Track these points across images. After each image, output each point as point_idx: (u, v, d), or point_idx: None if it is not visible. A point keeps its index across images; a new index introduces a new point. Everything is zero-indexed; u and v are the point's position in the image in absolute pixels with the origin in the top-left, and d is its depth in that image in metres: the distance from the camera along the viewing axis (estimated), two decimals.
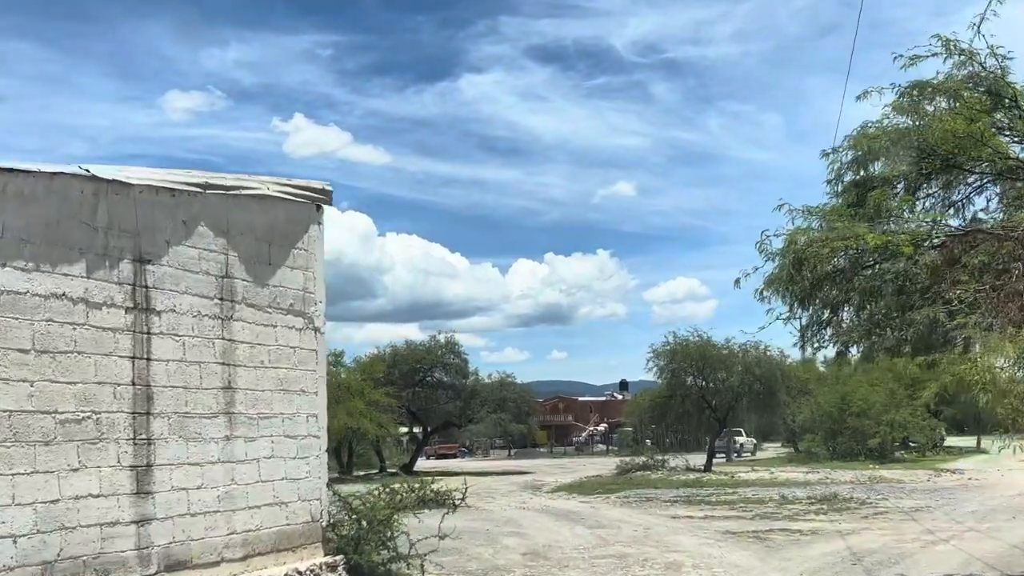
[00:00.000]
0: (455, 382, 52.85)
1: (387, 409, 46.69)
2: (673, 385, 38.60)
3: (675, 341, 38.37)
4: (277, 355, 10.72)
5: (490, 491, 34.36)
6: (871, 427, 45.47)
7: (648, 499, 26.10)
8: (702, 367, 37.91)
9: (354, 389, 45.69)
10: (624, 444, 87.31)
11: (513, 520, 21.47)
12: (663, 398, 39.17)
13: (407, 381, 51.38)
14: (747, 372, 37.20)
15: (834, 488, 26.79)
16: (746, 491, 27.64)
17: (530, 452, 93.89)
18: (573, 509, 23.89)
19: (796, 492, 25.91)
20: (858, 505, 21.25)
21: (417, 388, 50.92)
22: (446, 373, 52.39)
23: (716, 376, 38.21)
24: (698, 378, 38.53)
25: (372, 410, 45.09)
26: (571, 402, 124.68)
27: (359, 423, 43.85)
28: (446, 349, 51.82)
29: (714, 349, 37.85)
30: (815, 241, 8.64)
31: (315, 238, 11.51)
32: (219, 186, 10.17)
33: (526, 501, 28.07)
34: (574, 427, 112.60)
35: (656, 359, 38.57)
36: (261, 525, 10.23)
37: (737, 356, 37.97)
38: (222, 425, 9.87)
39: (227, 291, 10.12)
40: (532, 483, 39.26)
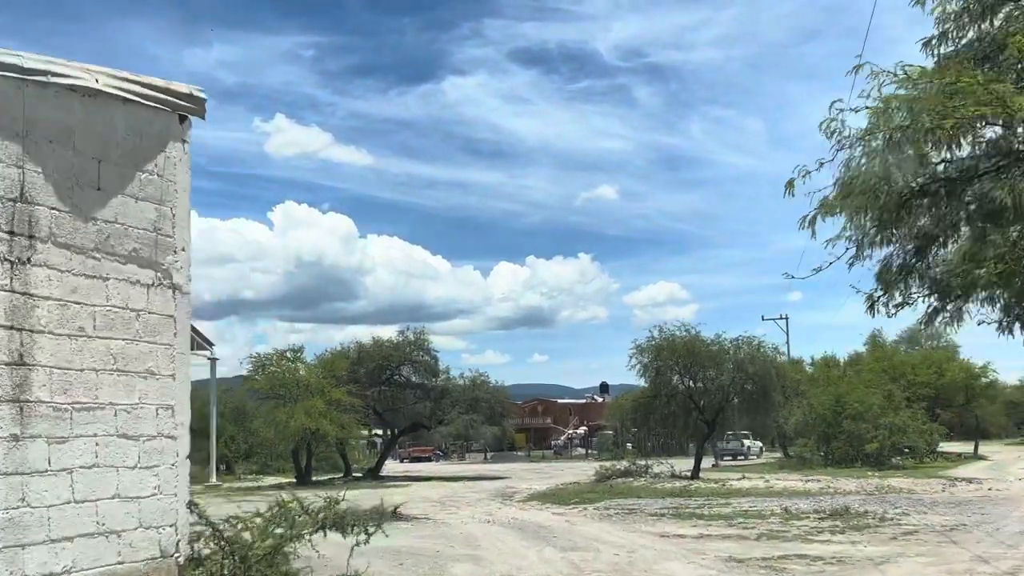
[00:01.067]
0: (424, 381, 49.58)
1: (350, 409, 43.41)
2: (658, 384, 35.42)
3: (660, 337, 35.28)
4: (108, 320, 7.48)
5: (456, 499, 31.17)
6: (868, 431, 42.56)
7: (631, 511, 22.94)
8: (689, 365, 34.77)
9: (314, 387, 42.40)
10: (604, 448, 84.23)
11: (472, 538, 18.25)
12: (646, 398, 35.97)
13: (373, 380, 48.13)
14: (739, 370, 34.08)
15: (841, 500, 23.73)
16: (741, 502, 24.52)
17: (507, 455, 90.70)
18: (545, 523, 20.69)
19: (799, 504, 22.80)
20: (877, 522, 18.14)
21: (383, 387, 47.66)
22: (415, 372, 49.12)
23: (705, 375, 35.11)
24: (685, 377, 35.41)
25: (333, 410, 41.80)
26: (550, 404, 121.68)
27: (318, 424, 40.54)
28: (415, 346, 48.54)
29: (703, 345, 34.74)
30: (931, 109, 5.23)
31: (176, 161, 8.27)
32: (11, 66, 6.92)
33: (493, 512, 24.86)
34: (553, 430, 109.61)
35: (639, 356, 35.46)
36: (72, 566, 7.00)
37: (728, 353, 34.88)
38: (7, 419, 6.63)
39: (21, 222, 6.87)
40: (504, 490, 36.06)
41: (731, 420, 36.39)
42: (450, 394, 49.29)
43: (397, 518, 22.28)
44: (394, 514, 22.75)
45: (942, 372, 53.00)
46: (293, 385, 42.71)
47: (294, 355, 43.89)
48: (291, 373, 43.07)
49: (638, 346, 35.49)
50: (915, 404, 44.82)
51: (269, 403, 42.45)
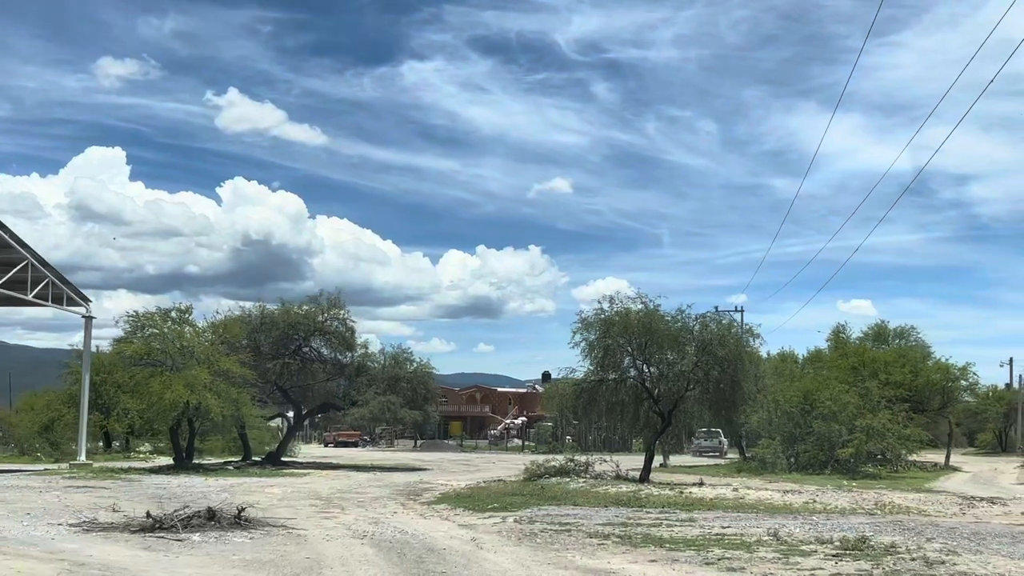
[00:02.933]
0: (338, 356, 43.21)
1: (243, 383, 36.92)
2: (605, 366, 29.36)
3: (611, 309, 29.20)
4: None
5: (349, 496, 25.01)
6: (841, 433, 37.10)
7: (564, 526, 16.92)
8: (645, 345, 28.74)
9: (199, 355, 35.82)
10: (542, 440, 78.40)
11: (319, 566, 12.08)
12: (591, 384, 29.86)
13: (277, 351, 41.66)
14: (703, 353, 28.10)
15: (841, 522, 17.94)
16: (708, 518, 18.62)
17: (438, 444, 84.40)
18: (440, 544, 14.57)
19: (789, 527, 16.92)
20: (923, 566, 12.24)
21: (289, 360, 41.10)
22: (327, 344, 42.68)
23: (662, 357, 29.17)
24: (638, 359, 29.38)
25: (220, 382, 35.28)
26: (489, 392, 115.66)
27: (201, 398, 34.02)
28: (329, 315, 42.08)
29: (662, 322, 28.76)
30: None
31: None
32: None
33: (383, 519, 18.71)
34: (492, 419, 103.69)
35: (584, 332, 29.37)
36: None
37: (691, 333, 28.96)
38: None
39: None
40: (416, 485, 29.95)
41: (690, 413, 30.46)
42: (367, 371, 42.97)
43: (240, 525, 16.04)
44: (238, 520, 16.54)
45: (917, 372, 47.80)
46: (175, 351, 36.08)
47: (180, 315, 37.18)
48: (175, 336, 36.38)
49: (583, 319, 29.46)
50: (895, 405, 39.39)
51: (145, 371, 35.75)
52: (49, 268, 36.32)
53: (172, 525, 15.27)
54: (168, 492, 25.11)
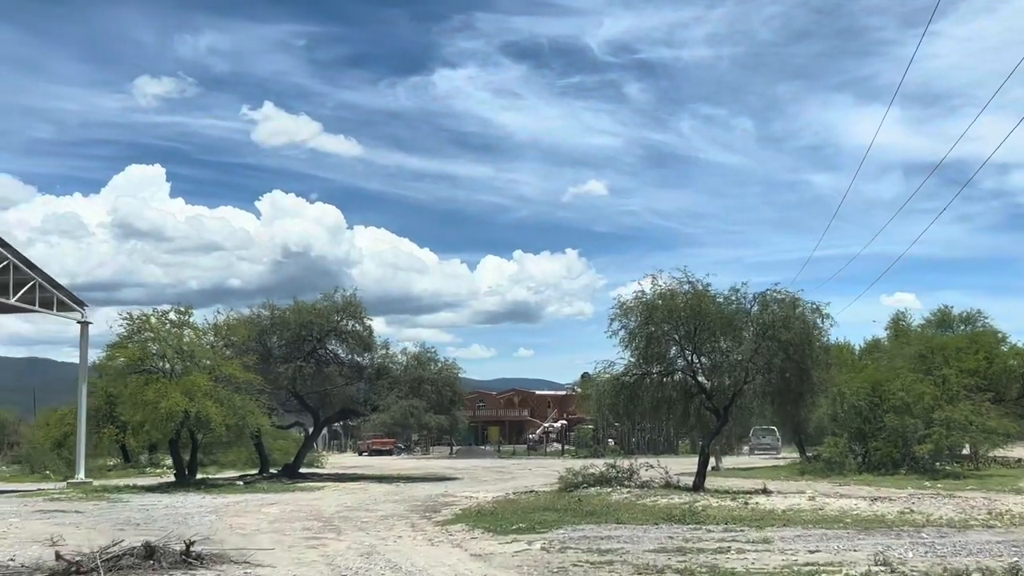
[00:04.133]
0: (355, 357, 39.71)
1: (248, 389, 33.50)
2: (648, 358, 25.41)
3: (654, 292, 25.29)
4: None
5: (356, 516, 21.46)
6: (917, 428, 32.95)
7: (604, 555, 13.23)
8: (694, 331, 24.77)
9: (199, 358, 32.45)
10: (583, 444, 74.41)
11: None
12: (632, 378, 25.91)
13: (290, 354, 38.20)
14: (765, 338, 24.06)
15: (960, 539, 14.03)
16: (788, 539, 14.76)
17: (475, 451, 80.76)
18: None
19: (899, 550, 13.04)
20: None
21: (302, 363, 37.61)
22: (343, 345, 39.18)
23: (716, 345, 25.20)
24: (687, 348, 25.44)
25: (223, 389, 31.87)
26: (528, 395, 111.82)
27: (200, 407, 30.60)
28: (345, 313, 38.58)
29: (713, 304, 24.81)
30: None
31: None
32: None
33: (378, 549, 15.06)
34: (530, 423, 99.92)
35: (624, 318, 25.47)
36: None
37: (748, 315, 24.96)
38: None
39: None
40: (437, 499, 26.32)
41: (749, 409, 26.44)
42: (387, 374, 39.42)
43: (186, 564, 12.45)
44: (185, 557, 12.94)
45: (992, 358, 43.27)
46: (173, 355, 32.76)
47: (180, 316, 33.83)
48: (173, 339, 33.05)
49: (622, 304, 25.49)
50: (976, 395, 35.07)
51: (139, 379, 32.42)
52: (35, 269, 33.20)
53: (92, 568, 11.72)
54: (146, 516, 21.68)
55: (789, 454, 58.10)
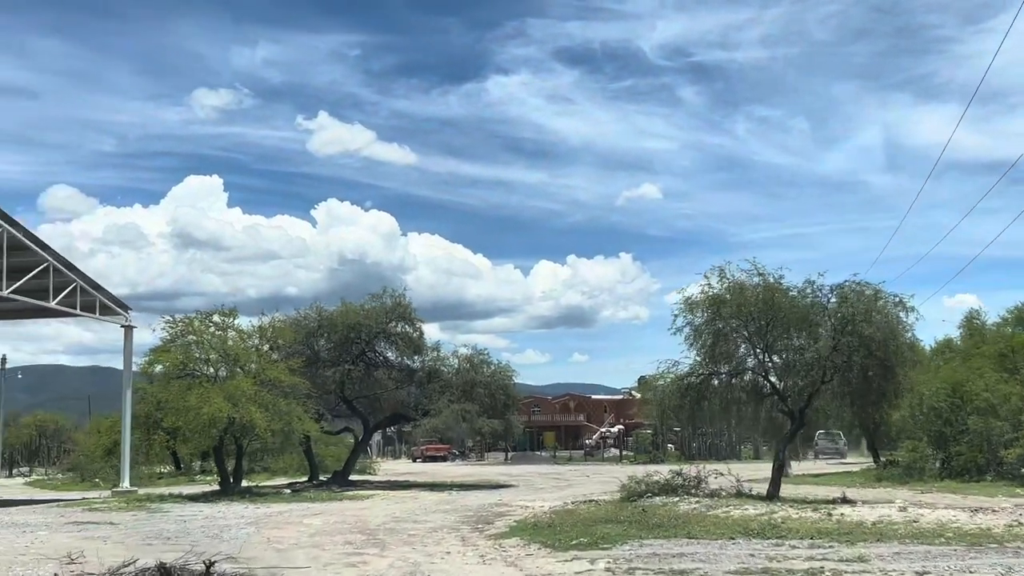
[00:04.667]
0: (405, 360, 38.34)
1: (296, 393, 32.24)
2: (716, 357, 23.59)
3: (722, 285, 23.48)
4: None
5: (400, 528, 19.95)
6: (1004, 431, 30.66)
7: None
8: (766, 327, 22.94)
9: (243, 362, 31.28)
10: (641, 449, 72.36)
11: None
12: (698, 378, 24.09)
13: (339, 357, 36.92)
14: (844, 333, 22.06)
15: None
16: (886, 557, 12.92)
17: (530, 457, 79.06)
18: None
19: None
20: None
21: (350, 367, 36.30)
22: (392, 348, 37.82)
23: (789, 343, 23.31)
24: (758, 345, 23.57)
25: (267, 394, 30.63)
26: (584, 400, 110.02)
27: (245, 412, 29.38)
28: (393, 314, 37.22)
29: (787, 298, 22.92)
30: None
31: None
32: None
33: (423, 567, 13.52)
34: (586, 428, 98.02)
35: (689, 313, 23.69)
36: None
37: (825, 308, 23.00)
38: None
39: None
40: (490, 509, 24.75)
41: (825, 411, 24.47)
42: (439, 377, 37.97)
43: None
44: None
45: None
46: (217, 359, 31.65)
47: (224, 319, 32.70)
48: (217, 342, 31.95)
49: (687, 299, 23.70)
50: None
51: (181, 383, 31.34)
52: (76, 272, 32.26)
53: None
54: (181, 528, 20.39)
55: (855, 459, 55.74)
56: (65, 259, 31.48)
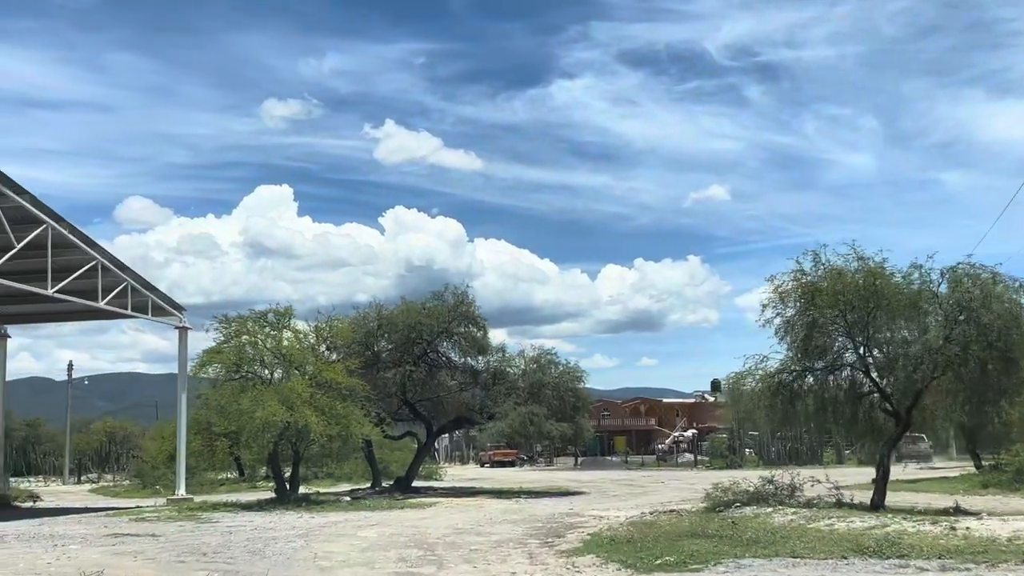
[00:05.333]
0: (468, 361, 36.49)
1: (355, 396, 30.58)
2: (809, 352, 21.26)
3: (816, 271, 21.13)
4: None
5: (464, 539, 18.09)
6: None
7: None
8: (867, 317, 20.52)
9: (299, 363, 29.68)
10: (717, 454, 69.58)
11: None
12: (792, 375, 21.75)
13: (400, 357, 35.20)
14: (957, 322, 19.53)
15: None
16: None
17: (600, 462, 76.71)
18: None
19: None
20: None
21: (411, 368, 34.52)
22: (455, 348, 35.99)
23: (894, 335, 20.86)
24: (857, 338, 21.16)
25: (324, 396, 29.00)
26: (655, 404, 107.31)
27: (299, 415, 27.76)
28: (456, 313, 35.39)
29: (890, 284, 20.49)
30: None
31: None
32: None
33: None
34: (658, 433, 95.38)
35: (779, 304, 21.38)
36: None
37: (936, 295, 20.51)
38: None
39: None
40: (561, 519, 22.71)
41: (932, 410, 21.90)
42: (504, 378, 36.04)
43: None
44: None
45: None
46: (272, 360, 30.14)
47: (279, 317, 31.17)
48: (272, 343, 30.44)
49: (777, 288, 21.37)
50: None
51: (234, 386, 29.88)
52: (127, 271, 31.04)
53: None
54: (225, 541, 18.71)
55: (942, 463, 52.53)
56: (115, 257, 30.27)
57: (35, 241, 26.61)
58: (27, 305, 33.25)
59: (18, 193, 25.84)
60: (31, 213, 26.44)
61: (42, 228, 26.70)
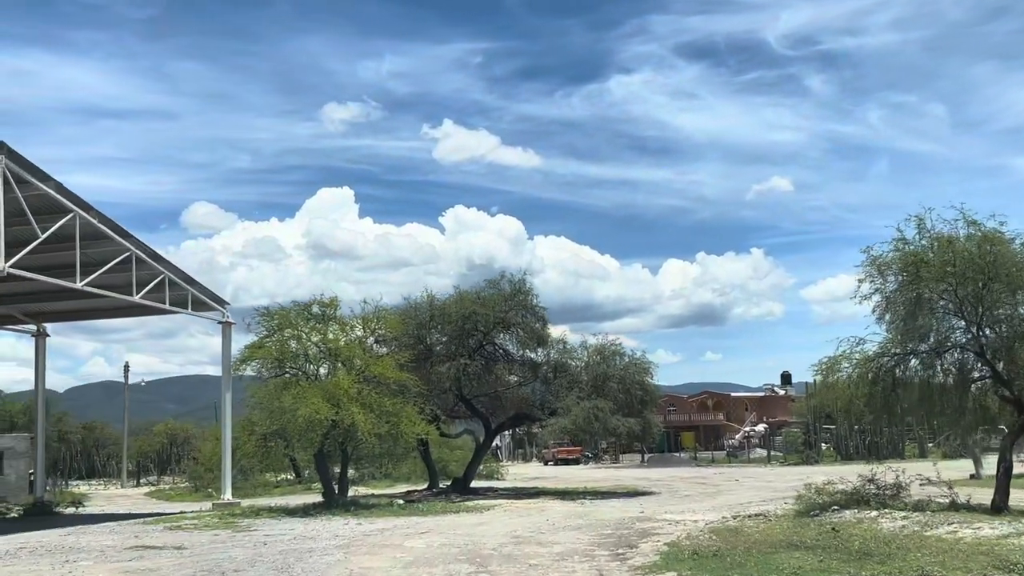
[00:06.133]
0: (528, 353, 34.22)
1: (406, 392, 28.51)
2: (912, 332, 18.61)
3: (920, 239, 18.46)
4: None
5: (522, 550, 15.87)
6: None
7: None
8: (982, 291, 17.85)
9: (346, 357, 27.68)
10: (791, 449, 66.44)
11: None
12: (893, 359, 19.06)
13: (455, 350, 33.05)
14: None
15: None
16: None
17: (668, 459, 73.79)
18: None
19: None
20: None
21: (466, 361, 32.31)
22: (513, 339, 33.72)
23: (1015, 311, 18.14)
24: (970, 315, 18.47)
25: (372, 392, 26.95)
26: (722, 398, 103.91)
27: (346, 413, 25.75)
28: (512, 301, 33.12)
29: (1008, 251, 17.72)
30: None
31: None
32: None
33: None
34: (726, 428, 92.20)
35: (878, 276, 18.75)
36: None
37: None
38: None
39: None
40: (632, 526, 20.30)
41: None
42: (566, 371, 33.67)
43: None
44: None
45: None
46: (318, 354, 28.19)
47: (324, 310, 29.20)
48: (316, 336, 28.48)
49: (875, 259, 18.73)
50: None
51: (276, 382, 28.01)
52: (162, 262, 29.30)
53: None
54: (254, 555, 16.66)
55: None
56: (149, 248, 28.52)
57: (62, 232, 24.92)
58: (64, 302, 31.75)
59: (43, 180, 24.14)
60: (57, 201, 24.73)
61: (69, 217, 24.97)
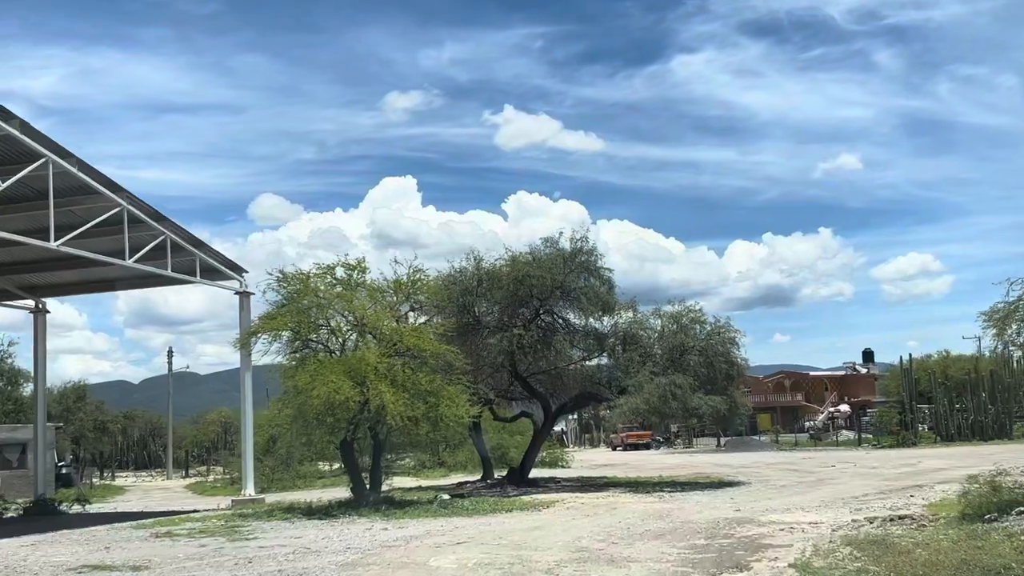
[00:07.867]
0: (592, 322, 29.58)
1: (449, 368, 24.03)
2: None
3: None
4: None
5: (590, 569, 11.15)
6: None
7: None
8: None
9: (372, 326, 23.32)
10: (885, 430, 60.81)
11: None
12: None
13: (506, 320, 28.60)
14: None
15: None
16: None
17: (747, 443, 68.50)
18: None
19: None
20: None
21: (521, 332, 27.74)
22: (574, 307, 29.07)
23: None
24: None
25: (403, 367, 22.54)
26: (800, 378, 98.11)
27: (373, 393, 21.34)
28: (573, 263, 28.47)
29: None
30: None
31: None
32: None
33: None
34: (806, 409, 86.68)
35: None
36: None
37: None
38: None
39: None
40: (732, 531, 15.57)
41: None
42: (637, 343, 28.91)
43: None
44: None
45: None
46: (343, 326, 23.93)
47: (350, 273, 24.80)
48: (341, 304, 24.14)
49: None
50: None
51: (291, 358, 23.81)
52: (165, 222, 25.26)
53: None
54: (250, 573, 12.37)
55: None
56: (145, 204, 24.47)
57: (33, 181, 20.95)
58: (57, 272, 28.01)
59: (5, 120, 20.11)
60: (24, 145, 20.70)
61: (40, 162, 20.95)
